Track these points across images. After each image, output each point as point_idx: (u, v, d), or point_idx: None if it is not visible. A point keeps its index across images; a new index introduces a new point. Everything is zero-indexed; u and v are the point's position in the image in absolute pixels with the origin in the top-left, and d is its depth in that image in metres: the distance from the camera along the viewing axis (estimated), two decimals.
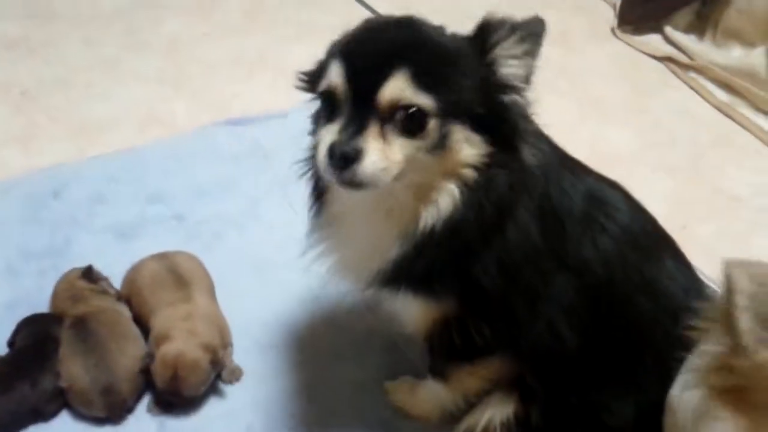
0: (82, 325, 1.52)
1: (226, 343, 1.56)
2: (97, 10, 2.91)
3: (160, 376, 1.46)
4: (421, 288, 1.22)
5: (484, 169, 1.11)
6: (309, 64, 1.21)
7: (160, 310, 1.56)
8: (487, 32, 1.10)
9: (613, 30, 2.99)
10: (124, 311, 1.62)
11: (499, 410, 1.32)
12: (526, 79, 1.11)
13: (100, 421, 1.46)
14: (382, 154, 1.04)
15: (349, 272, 1.30)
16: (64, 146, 2.22)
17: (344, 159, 1.03)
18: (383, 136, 1.05)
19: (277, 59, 2.69)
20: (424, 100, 1.05)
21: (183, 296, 1.59)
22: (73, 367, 1.46)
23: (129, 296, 1.64)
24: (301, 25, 2.91)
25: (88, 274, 1.63)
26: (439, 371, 1.39)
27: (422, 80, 1.05)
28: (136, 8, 2.94)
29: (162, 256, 1.69)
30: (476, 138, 1.10)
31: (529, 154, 1.13)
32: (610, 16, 3.06)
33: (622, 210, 1.26)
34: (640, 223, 1.29)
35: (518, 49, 1.09)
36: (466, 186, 1.12)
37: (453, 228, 1.13)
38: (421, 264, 1.17)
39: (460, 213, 1.12)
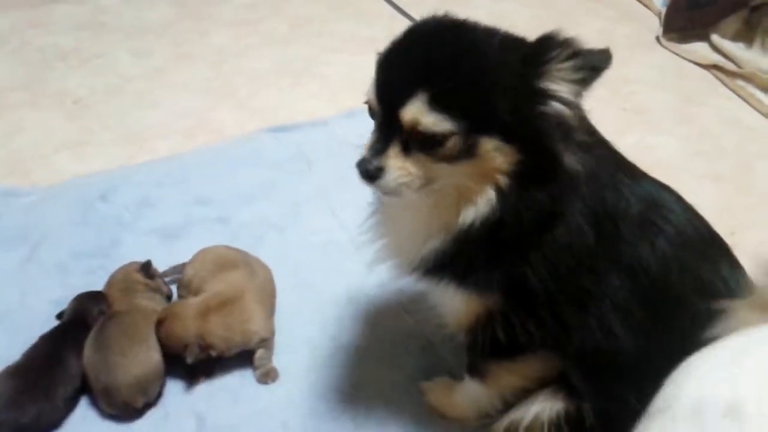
0: (107, 321, 1.55)
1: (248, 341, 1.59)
2: (146, 22, 3.00)
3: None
4: (464, 282, 1.23)
5: (519, 176, 1.11)
6: (351, 74, 1.22)
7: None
8: (545, 47, 1.08)
9: (658, 38, 2.96)
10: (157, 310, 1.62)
11: (546, 406, 1.30)
12: (571, 101, 1.08)
13: (140, 414, 1.50)
14: (401, 170, 1.11)
15: (395, 257, 1.33)
16: (114, 153, 2.29)
17: (368, 175, 1.11)
18: (405, 151, 1.11)
19: (321, 70, 2.74)
20: (441, 125, 1.06)
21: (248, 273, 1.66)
22: (85, 360, 1.50)
23: (191, 279, 1.68)
24: (344, 37, 2.96)
25: (146, 268, 1.68)
26: (477, 369, 1.38)
27: (441, 103, 1.06)
28: (183, 20, 3.02)
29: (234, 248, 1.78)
30: (507, 148, 1.09)
31: (573, 163, 1.11)
32: (655, 25, 3.03)
33: (677, 213, 1.24)
34: (696, 227, 1.27)
35: (571, 75, 1.06)
36: (500, 191, 1.12)
37: (490, 228, 1.14)
38: (462, 258, 1.19)
39: (497, 215, 1.13)
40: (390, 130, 1.11)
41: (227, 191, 2.08)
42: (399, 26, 1.19)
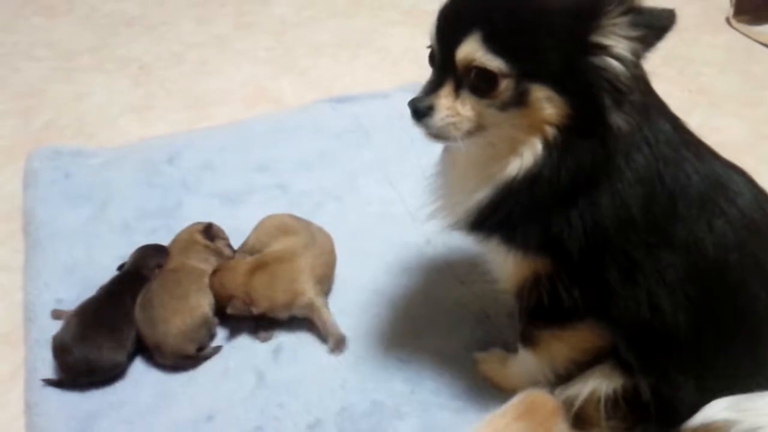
0: (153, 281, 1.60)
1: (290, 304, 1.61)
2: None
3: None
4: (510, 240, 1.24)
5: (567, 129, 1.11)
6: (410, 47, 1.24)
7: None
8: (602, 1, 1.06)
9: (728, 19, 2.88)
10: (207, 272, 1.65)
11: (604, 383, 1.30)
12: (630, 58, 1.06)
13: (196, 363, 1.56)
14: (451, 110, 1.13)
15: (447, 212, 1.34)
16: (177, 117, 2.35)
17: (417, 113, 1.14)
18: (457, 93, 1.13)
19: (381, 42, 2.75)
20: (494, 63, 1.08)
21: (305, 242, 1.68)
22: (136, 319, 1.55)
23: (253, 244, 1.73)
24: (404, 10, 2.95)
25: (207, 231, 1.72)
26: (528, 336, 1.39)
27: (496, 42, 1.07)
28: None
29: (299, 218, 1.80)
30: (558, 98, 1.09)
31: (620, 122, 1.09)
32: (725, 5, 2.94)
33: (744, 195, 1.22)
34: (765, 212, 1.24)
35: (627, 31, 1.05)
36: (547, 143, 1.12)
37: (531, 181, 1.15)
38: (504, 212, 1.20)
39: (538, 168, 1.14)
40: (445, 71, 1.13)
41: (287, 159, 2.11)
42: None
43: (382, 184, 2.05)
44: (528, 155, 1.14)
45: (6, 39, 2.74)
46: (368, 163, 2.12)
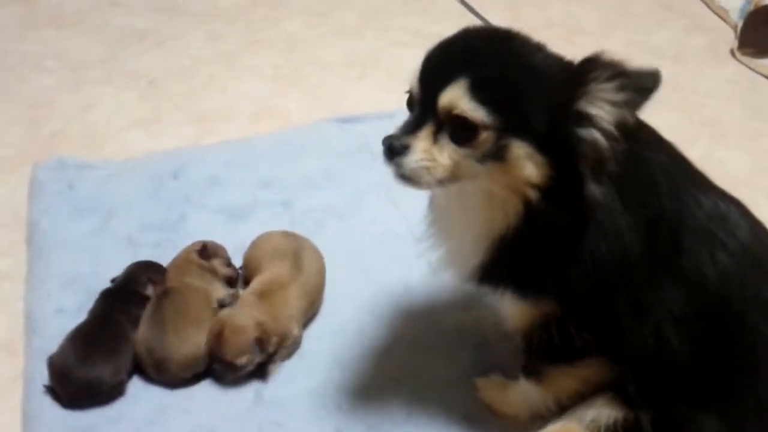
0: (162, 299, 1.60)
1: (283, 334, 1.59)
2: (220, 8, 3.06)
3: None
4: (517, 288, 1.25)
5: (548, 191, 1.10)
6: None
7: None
8: (588, 68, 1.07)
9: (732, 52, 2.89)
10: (209, 291, 1.65)
11: (604, 413, 1.29)
12: (616, 125, 1.06)
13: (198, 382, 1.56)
14: (427, 154, 1.10)
15: (449, 268, 1.36)
16: (184, 132, 2.36)
17: (391, 151, 1.11)
18: (435, 138, 1.11)
19: (388, 63, 2.76)
20: (477, 113, 1.07)
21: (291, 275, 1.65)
22: (140, 336, 1.55)
23: (247, 262, 1.74)
24: (413, 32, 2.97)
25: (202, 251, 1.71)
26: (534, 371, 1.39)
27: (481, 92, 1.07)
28: (257, 7, 3.08)
29: (291, 236, 1.78)
30: (540, 158, 1.09)
31: (596, 193, 1.10)
32: (730, 38, 2.96)
33: (744, 228, 1.23)
34: (763, 244, 1.25)
35: (613, 96, 1.05)
36: (529, 204, 1.12)
37: (522, 239, 1.16)
38: (504, 267, 1.21)
39: (526, 227, 1.14)
40: (426, 114, 1.12)
41: (292, 176, 2.12)
42: (467, 24, 1.20)
43: (386, 205, 2.05)
44: (512, 215, 1.14)
45: (15, 49, 2.75)
46: (372, 182, 2.11)
